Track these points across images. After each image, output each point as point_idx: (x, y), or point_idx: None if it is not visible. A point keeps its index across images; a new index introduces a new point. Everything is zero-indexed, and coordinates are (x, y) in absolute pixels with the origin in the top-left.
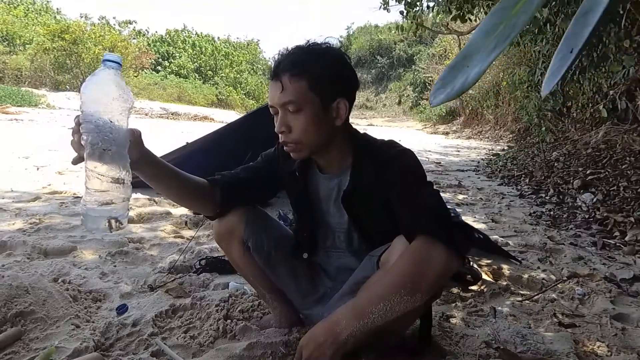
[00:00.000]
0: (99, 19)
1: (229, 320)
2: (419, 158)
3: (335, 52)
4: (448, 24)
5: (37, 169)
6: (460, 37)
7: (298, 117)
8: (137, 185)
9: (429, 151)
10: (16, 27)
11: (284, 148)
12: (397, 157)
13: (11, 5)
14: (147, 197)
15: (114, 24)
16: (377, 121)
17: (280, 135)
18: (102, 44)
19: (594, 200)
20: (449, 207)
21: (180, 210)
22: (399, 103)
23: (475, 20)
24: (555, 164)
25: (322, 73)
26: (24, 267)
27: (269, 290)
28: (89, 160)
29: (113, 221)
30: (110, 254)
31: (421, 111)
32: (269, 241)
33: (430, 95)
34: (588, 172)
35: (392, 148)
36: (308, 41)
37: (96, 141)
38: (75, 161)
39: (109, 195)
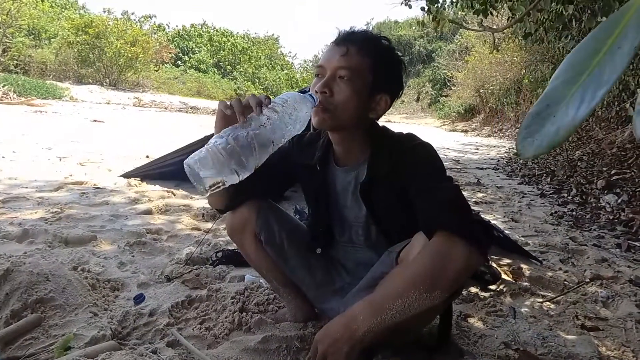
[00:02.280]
0: (122, 14)
1: (244, 313)
2: None
3: (398, 55)
4: (482, 21)
5: (60, 159)
6: (494, 34)
7: (345, 86)
8: (156, 178)
9: (448, 149)
10: (42, 21)
11: (314, 108)
12: (415, 149)
13: (38, 0)
14: (166, 189)
15: (134, 19)
16: (395, 118)
17: (318, 95)
18: (124, 38)
19: (619, 201)
20: None
21: (198, 203)
22: (418, 100)
23: (500, 18)
24: (579, 163)
25: (385, 63)
26: (45, 255)
27: (283, 283)
28: (260, 134)
29: (221, 183)
30: (128, 244)
31: (440, 108)
32: (281, 233)
33: (518, 145)
34: (613, 172)
35: (410, 141)
36: (380, 32)
37: (269, 132)
38: (227, 108)
39: (241, 166)
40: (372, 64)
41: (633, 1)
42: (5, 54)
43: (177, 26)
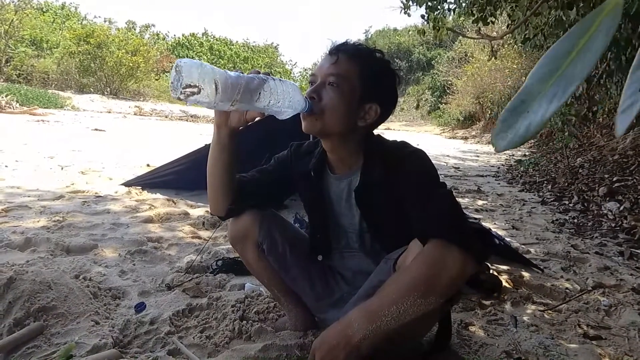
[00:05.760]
0: (125, 23)
1: (244, 321)
2: (436, 163)
3: (392, 68)
4: (480, 29)
5: (62, 168)
6: (492, 42)
7: (333, 92)
8: (156, 186)
9: (447, 156)
10: (44, 31)
11: (301, 113)
12: (408, 157)
13: (39, 11)
14: (166, 198)
15: (133, 28)
16: (395, 125)
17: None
18: (125, 48)
19: (621, 208)
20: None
21: (198, 211)
22: (417, 107)
23: (501, 26)
24: (580, 171)
25: (375, 72)
26: (47, 264)
27: (284, 293)
28: (250, 79)
29: (196, 89)
30: (129, 252)
31: (439, 115)
32: (284, 243)
33: (493, 138)
34: (615, 179)
35: (403, 149)
36: (375, 45)
37: (258, 85)
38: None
39: (224, 87)
40: (361, 72)
41: (607, 2)
42: (8, 64)
43: (175, 35)
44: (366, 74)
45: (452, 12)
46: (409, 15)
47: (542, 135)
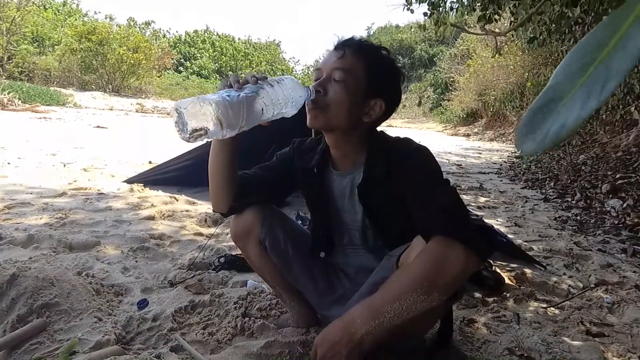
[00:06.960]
0: (127, 20)
1: (247, 318)
2: (439, 160)
3: (397, 65)
4: (484, 25)
5: (64, 165)
6: (497, 38)
7: (338, 87)
8: (158, 183)
9: (449, 153)
10: (46, 28)
11: (307, 108)
12: (411, 154)
13: (41, 8)
14: (169, 195)
15: (134, 25)
16: (397, 122)
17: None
18: (126, 45)
19: (624, 205)
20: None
21: (201, 208)
22: (419, 104)
23: (505, 23)
24: (583, 168)
25: (380, 68)
26: (50, 260)
27: (286, 290)
28: (250, 97)
29: (203, 131)
30: (132, 249)
31: (441, 112)
32: (286, 240)
33: (518, 141)
34: (618, 176)
35: (406, 145)
36: (380, 42)
37: (260, 99)
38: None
39: (228, 119)
40: (366, 67)
41: None
42: (10, 61)
43: (177, 32)
44: (372, 70)
45: (455, 11)
46: (411, 12)
47: None
